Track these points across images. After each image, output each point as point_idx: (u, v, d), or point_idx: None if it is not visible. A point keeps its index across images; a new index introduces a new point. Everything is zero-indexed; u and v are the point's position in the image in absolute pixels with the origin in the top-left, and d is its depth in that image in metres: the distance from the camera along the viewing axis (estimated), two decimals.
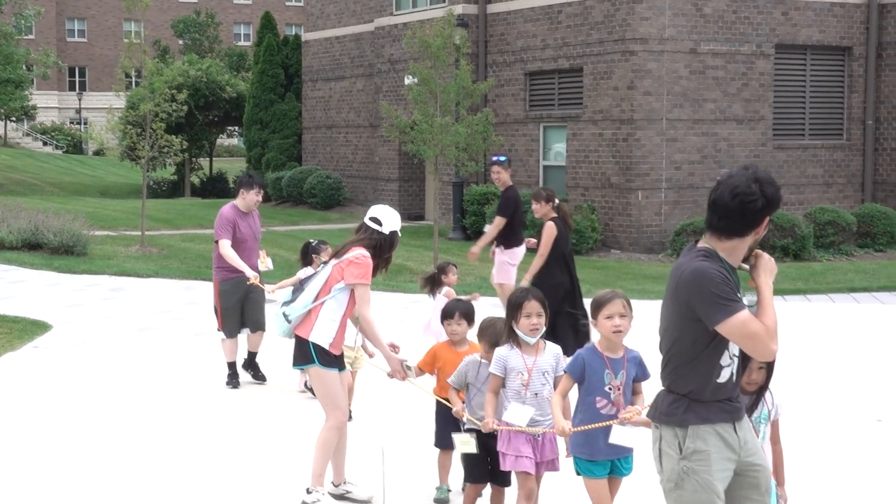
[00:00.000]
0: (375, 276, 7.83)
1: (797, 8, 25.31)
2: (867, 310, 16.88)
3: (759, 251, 4.89)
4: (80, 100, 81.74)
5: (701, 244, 4.85)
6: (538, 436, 6.57)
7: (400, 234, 7.87)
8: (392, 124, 21.85)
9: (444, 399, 7.36)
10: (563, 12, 25.56)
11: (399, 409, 10.27)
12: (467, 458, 7.04)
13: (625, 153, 24.03)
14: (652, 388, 6.25)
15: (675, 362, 4.87)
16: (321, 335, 7.56)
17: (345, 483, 7.83)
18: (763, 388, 5.60)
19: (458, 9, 27.21)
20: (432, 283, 10.52)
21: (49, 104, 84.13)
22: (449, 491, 7.70)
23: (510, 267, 14.01)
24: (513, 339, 6.64)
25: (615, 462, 6.33)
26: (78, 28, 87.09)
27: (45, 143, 76.50)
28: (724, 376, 4.84)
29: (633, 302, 6.66)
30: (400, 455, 8.88)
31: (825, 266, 21.99)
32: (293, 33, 43.42)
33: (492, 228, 14.21)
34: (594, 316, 6.18)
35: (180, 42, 78.37)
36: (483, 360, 6.98)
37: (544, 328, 6.63)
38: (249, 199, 11.41)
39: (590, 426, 6.13)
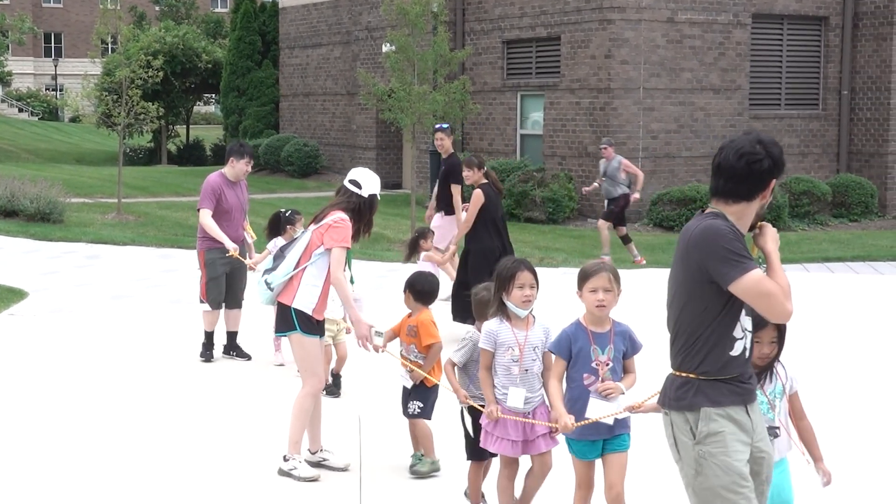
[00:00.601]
0: (357, 240, 7.86)
1: None
2: (841, 279, 17.00)
3: (764, 223, 4.76)
4: (55, 66, 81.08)
5: (708, 210, 4.70)
6: (528, 413, 6.31)
7: (379, 198, 7.89)
8: (369, 92, 21.80)
9: (417, 366, 7.46)
10: None
11: (376, 378, 10.32)
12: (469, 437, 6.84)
13: (602, 122, 24.05)
14: (644, 364, 6.28)
15: (685, 335, 4.68)
16: (304, 301, 7.60)
17: (322, 451, 7.87)
18: (773, 361, 5.38)
19: None
20: (413, 249, 11.02)
21: (24, 70, 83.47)
22: (423, 456, 7.76)
23: (448, 233, 14.17)
24: (502, 311, 6.30)
25: (606, 441, 6.02)
26: None
27: (20, 110, 75.91)
28: (737, 349, 4.65)
29: None
30: (377, 423, 8.93)
31: (800, 236, 22.13)
32: (270, 0, 43.15)
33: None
34: (579, 287, 5.90)
35: (156, 8, 77.66)
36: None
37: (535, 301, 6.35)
38: (238, 168, 11.12)
39: (590, 419, 5.84)
